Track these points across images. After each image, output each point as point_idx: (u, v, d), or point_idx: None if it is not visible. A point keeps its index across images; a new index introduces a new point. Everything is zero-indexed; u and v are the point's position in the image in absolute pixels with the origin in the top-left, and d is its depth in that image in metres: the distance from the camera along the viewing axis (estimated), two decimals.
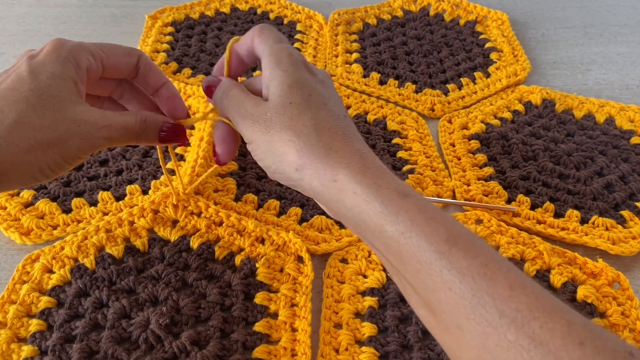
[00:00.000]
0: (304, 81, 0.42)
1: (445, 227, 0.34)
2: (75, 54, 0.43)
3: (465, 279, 0.32)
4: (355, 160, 0.38)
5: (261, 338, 0.48)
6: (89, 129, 0.41)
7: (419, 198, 0.36)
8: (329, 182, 0.38)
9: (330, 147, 0.39)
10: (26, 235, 0.56)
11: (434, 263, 0.33)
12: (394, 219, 0.35)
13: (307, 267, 0.53)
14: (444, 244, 0.33)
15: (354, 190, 0.37)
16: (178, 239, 0.56)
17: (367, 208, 0.36)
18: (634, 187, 0.62)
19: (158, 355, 0.46)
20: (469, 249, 0.33)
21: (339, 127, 0.40)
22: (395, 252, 0.36)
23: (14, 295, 0.51)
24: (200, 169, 0.62)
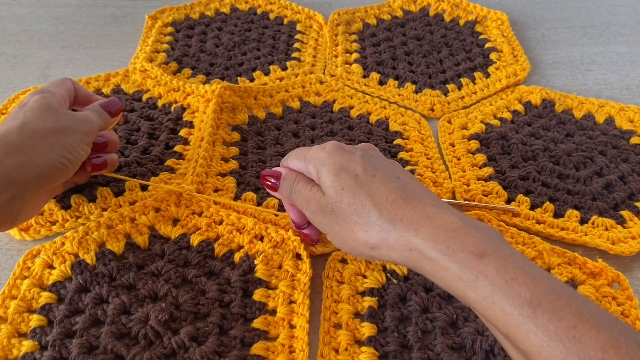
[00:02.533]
0: (346, 165, 0.45)
1: (527, 288, 0.34)
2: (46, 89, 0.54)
3: (553, 342, 0.32)
4: (423, 224, 0.39)
5: (259, 334, 0.48)
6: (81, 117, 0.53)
7: (499, 255, 0.36)
8: (405, 253, 0.40)
9: (394, 217, 0.40)
10: (25, 231, 0.56)
11: (521, 327, 0.33)
12: (474, 285, 0.36)
13: (305, 264, 0.53)
14: (527, 307, 0.33)
15: (430, 257, 0.38)
16: (178, 237, 0.56)
17: (446, 274, 0.37)
18: (633, 187, 0.62)
19: (157, 351, 0.46)
20: (555, 310, 0.33)
21: (395, 194, 0.42)
22: (483, 315, 0.36)
23: (14, 291, 0.51)
24: (201, 168, 0.62)
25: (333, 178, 0.44)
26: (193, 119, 0.70)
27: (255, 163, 0.65)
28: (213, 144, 0.66)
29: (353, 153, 0.46)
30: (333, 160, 0.45)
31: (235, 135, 0.68)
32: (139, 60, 0.80)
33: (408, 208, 0.40)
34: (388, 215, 0.40)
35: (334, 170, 0.45)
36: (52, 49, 0.85)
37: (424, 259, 0.39)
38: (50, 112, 0.51)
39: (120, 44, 0.87)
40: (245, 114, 0.71)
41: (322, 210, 0.45)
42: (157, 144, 0.67)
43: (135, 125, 0.69)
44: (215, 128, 0.67)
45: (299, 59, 0.83)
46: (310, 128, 0.70)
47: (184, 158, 0.65)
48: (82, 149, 0.52)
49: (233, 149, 0.66)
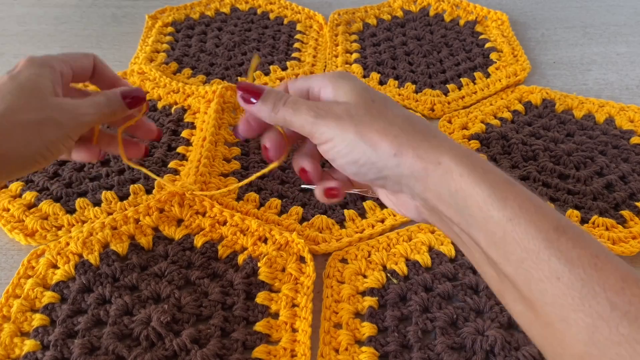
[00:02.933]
0: (373, 88, 0.42)
1: (554, 216, 0.33)
2: (48, 61, 0.48)
3: (575, 269, 0.31)
4: (457, 146, 0.37)
5: (261, 338, 0.48)
6: (71, 109, 0.46)
7: (525, 188, 0.36)
8: (432, 165, 0.37)
9: (429, 131, 0.38)
10: (31, 236, 0.56)
11: (542, 251, 0.32)
12: (502, 205, 0.34)
13: (309, 268, 0.53)
14: (553, 232, 0.32)
15: (461, 173, 0.36)
16: (182, 238, 0.56)
17: (473, 192, 0.35)
18: (634, 187, 0.62)
19: (158, 353, 0.46)
20: (578, 239, 0.32)
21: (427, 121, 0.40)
22: (500, 240, 0.34)
23: (18, 290, 0.51)
24: (204, 168, 0.62)
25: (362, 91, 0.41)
26: (194, 120, 0.70)
27: (257, 163, 0.65)
28: (215, 144, 0.66)
29: None
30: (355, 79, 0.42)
31: None
32: (139, 61, 0.80)
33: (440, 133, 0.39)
34: (423, 128, 0.39)
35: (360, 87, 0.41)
36: (52, 49, 0.85)
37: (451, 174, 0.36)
38: (38, 99, 0.45)
39: (120, 44, 0.87)
40: None
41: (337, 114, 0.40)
42: (159, 146, 0.67)
43: None
44: (217, 128, 0.68)
45: (299, 59, 0.83)
46: None
47: (187, 159, 0.65)
48: (65, 145, 0.47)
49: (235, 149, 0.66)
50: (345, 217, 0.59)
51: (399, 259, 0.55)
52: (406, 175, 0.38)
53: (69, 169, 0.63)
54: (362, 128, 0.39)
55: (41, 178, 0.61)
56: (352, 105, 0.40)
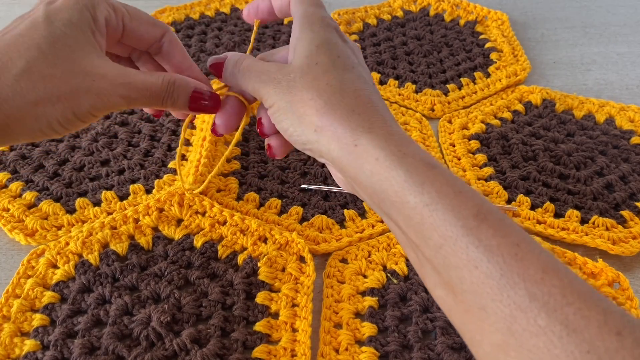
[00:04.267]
0: (333, 43, 0.40)
1: (475, 202, 0.32)
2: (94, 3, 0.40)
3: (494, 257, 0.30)
4: (379, 126, 0.36)
5: (261, 338, 0.48)
6: (105, 85, 0.38)
7: (446, 170, 0.34)
8: (349, 146, 0.36)
9: (353, 109, 0.37)
10: (31, 236, 0.56)
11: (460, 239, 0.31)
12: (419, 190, 0.33)
13: (309, 267, 0.53)
14: (473, 220, 0.31)
15: (377, 156, 0.35)
16: (182, 238, 0.56)
17: (389, 176, 0.34)
18: (634, 187, 0.62)
19: (158, 353, 0.46)
20: (499, 227, 0.31)
21: (364, 91, 0.38)
22: (417, 225, 0.33)
23: (18, 290, 0.51)
24: (204, 168, 0.62)
25: (314, 49, 0.39)
26: (195, 120, 0.70)
27: (257, 164, 0.65)
28: (215, 144, 0.66)
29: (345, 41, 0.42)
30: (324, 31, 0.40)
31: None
32: None
33: (370, 108, 0.37)
34: (348, 104, 0.37)
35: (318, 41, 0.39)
36: None
37: (367, 158, 0.35)
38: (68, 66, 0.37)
39: None
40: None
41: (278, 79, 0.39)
42: (159, 146, 0.67)
43: (136, 128, 0.69)
44: None
45: None
46: None
47: (187, 159, 0.65)
48: (84, 122, 0.39)
49: (235, 149, 0.66)
50: (345, 217, 0.59)
51: (399, 258, 0.55)
52: (325, 152, 0.37)
53: (69, 169, 0.63)
54: (292, 96, 0.38)
55: (41, 178, 0.61)
56: (293, 68, 0.39)
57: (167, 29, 0.44)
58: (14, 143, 0.40)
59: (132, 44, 0.44)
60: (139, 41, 0.44)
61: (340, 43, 0.40)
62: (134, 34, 0.43)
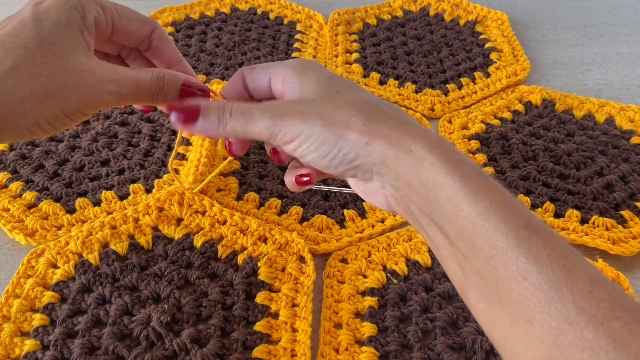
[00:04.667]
0: (336, 77, 0.40)
1: (525, 214, 0.32)
2: (83, 3, 0.39)
3: (543, 269, 0.30)
4: (428, 133, 0.36)
5: (261, 338, 0.48)
6: (93, 82, 0.37)
7: (497, 182, 0.34)
8: (403, 153, 0.35)
9: (400, 118, 0.37)
10: (31, 236, 0.56)
11: (511, 250, 0.31)
12: (473, 198, 0.33)
13: (309, 267, 0.53)
14: (524, 230, 0.31)
15: (432, 162, 0.34)
16: (182, 237, 0.56)
17: (444, 182, 0.34)
18: (634, 187, 0.62)
19: (158, 353, 0.46)
20: (549, 239, 0.31)
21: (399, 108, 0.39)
22: (469, 235, 0.33)
23: (18, 290, 0.51)
24: (204, 167, 0.62)
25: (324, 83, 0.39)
26: None
27: (257, 163, 0.65)
28: (215, 143, 0.66)
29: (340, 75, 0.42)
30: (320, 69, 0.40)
31: None
32: None
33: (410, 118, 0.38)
34: (393, 114, 0.37)
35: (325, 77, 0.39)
36: None
37: (423, 163, 0.35)
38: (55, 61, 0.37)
39: None
40: None
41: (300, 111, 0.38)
42: (159, 146, 0.67)
43: (136, 128, 0.69)
44: None
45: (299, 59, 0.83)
46: None
47: (187, 159, 0.65)
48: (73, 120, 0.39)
49: None
50: (345, 217, 0.59)
51: (399, 258, 0.55)
52: (377, 164, 0.37)
53: (69, 169, 0.63)
54: (329, 120, 0.37)
55: (41, 178, 0.61)
56: (316, 98, 0.38)
57: (156, 25, 0.44)
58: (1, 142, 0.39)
59: (121, 42, 0.44)
60: (129, 38, 0.44)
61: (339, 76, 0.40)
62: (123, 31, 0.43)
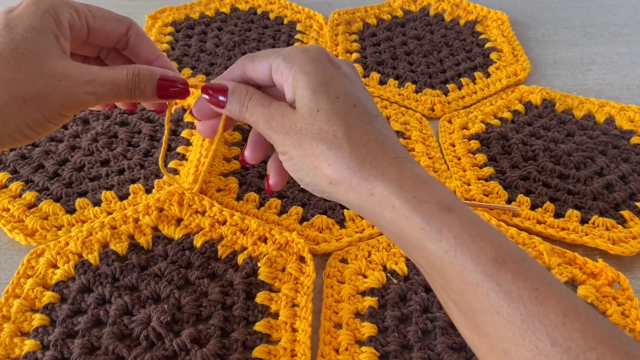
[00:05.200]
0: (328, 81, 0.39)
1: (493, 246, 0.32)
2: (56, 7, 0.39)
3: (514, 303, 0.30)
4: (392, 171, 0.36)
5: (261, 338, 0.48)
6: (71, 84, 0.38)
7: (464, 211, 0.34)
8: (365, 196, 0.36)
9: (364, 158, 0.37)
10: (31, 236, 0.56)
11: (481, 285, 0.31)
12: (437, 237, 0.33)
13: (309, 267, 0.53)
14: (492, 265, 0.31)
15: (393, 204, 0.35)
16: (182, 237, 0.56)
17: (407, 223, 0.34)
18: (634, 187, 0.62)
19: (158, 353, 0.46)
20: (519, 271, 0.31)
21: (371, 133, 0.38)
22: (439, 270, 0.34)
23: (18, 290, 0.51)
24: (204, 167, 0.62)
25: (311, 95, 0.38)
26: (194, 120, 0.70)
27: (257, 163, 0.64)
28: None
29: (338, 68, 0.40)
30: (316, 69, 0.39)
31: (237, 135, 0.68)
32: None
33: (380, 152, 0.37)
34: (359, 154, 0.37)
35: (313, 85, 0.38)
36: None
37: (385, 206, 0.35)
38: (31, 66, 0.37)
39: None
40: None
41: (286, 128, 0.39)
42: (158, 146, 0.67)
43: (136, 128, 0.69)
44: None
45: None
46: None
47: (187, 159, 0.65)
48: (55, 123, 0.39)
49: (235, 149, 0.66)
50: (345, 217, 0.59)
51: (399, 258, 0.55)
52: (343, 202, 0.38)
53: (69, 169, 0.63)
54: (305, 149, 0.38)
55: (41, 178, 0.61)
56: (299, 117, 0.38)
57: (131, 22, 0.44)
58: None
59: (99, 43, 0.44)
60: (106, 39, 0.43)
61: (335, 77, 0.39)
62: (99, 32, 0.42)
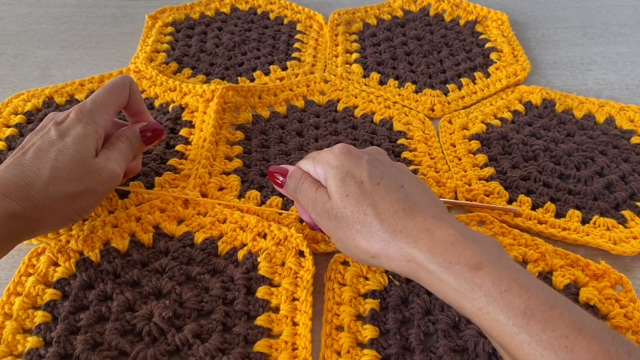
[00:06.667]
0: (352, 170, 0.46)
1: (521, 299, 0.35)
2: (95, 117, 0.51)
3: (546, 352, 0.33)
4: (422, 237, 0.40)
5: (262, 332, 0.49)
6: (107, 174, 0.50)
7: (494, 267, 0.37)
8: (404, 263, 0.41)
9: (394, 228, 0.41)
10: None
11: (514, 337, 0.34)
12: (470, 296, 0.37)
13: (308, 262, 0.53)
14: (521, 318, 0.34)
15: (428, 269, 0.39)
16: (182, 235, 0.56)
17: (442, 286, 0.39)
18: (634, 187, 0.62)
19: (161, 348, 0.46)
20: (548, 320, 0.34)
21: (397, 204, 0.43)
22: (479, 325, 0.38)
23: (19, 288, 0.51)
24: (203, 169, 0.62)
25: (339, 183, 0.45)
26: (193, 119, 0.70)
27: (259, 161, 0.65)
28: (216, 143, 0.66)
29: (360, 157, 0.47)
30: (340, 163, 0.47)
31: (239, 134, 0.68)
32: (138, 61, 0.80)
33: (409, 219, 0.41)
34: (389, 226, 0.42)
35: (340, 175, 0.46)
36: (52, 49, 0.85)
37: (422, 271, 0.40)
38: (81, 168, 0.48)
39: (120, 44, 0.87)
40: (249, 113, 0.71)
41: (327, 213, 0.46)
42: (158, 144, 0.66)
43: None
44: (217, 128, 0.67)
45: (299, 59, 0.83)
46: (314, 127, 0.70)
47: (187, 157, 0.65)
48: (94, 207, 0.53)
49: (237, 148, 0.66)
50: None
51: None
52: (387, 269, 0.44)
53: None
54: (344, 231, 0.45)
55: None
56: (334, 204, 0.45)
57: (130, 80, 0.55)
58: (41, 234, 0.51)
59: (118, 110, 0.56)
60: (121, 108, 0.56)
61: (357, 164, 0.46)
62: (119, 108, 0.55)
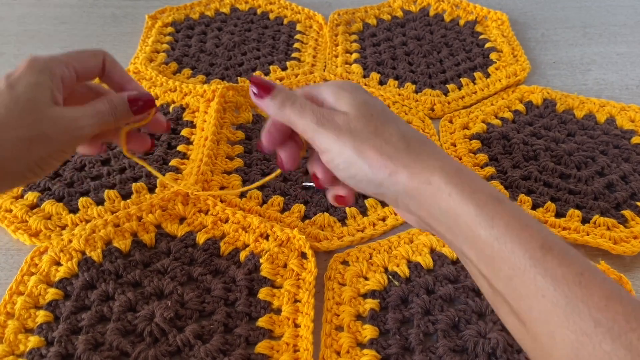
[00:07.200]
0: (373, 99, 0.43)
1: (540, 234, 0.34)
2: (49, 66, 0.47)
3: (559, 286, 0.32)
4: (448, 164, 0.39)
5: (264, 333, 0.49)
6: (66, 123, 0.46)
7: (514, 205, 0.37)
8: (423, 185, 0.38)
9: (420, 152, 0.40)
10: (35, 236, 0.56)
11: (528, 270, 0.33)
12: (489, 224, 0.35)
13: (310, 263, 0.53)
14: (539, 251, 0.33)
15: (449, 192, 0.37)
16: (184, 235, 0.56)
17: (462, 211, 0.37)
18: (635, 187, 0.62)
19: (162, 349, 0.46)
20: (564, 257, 0.33)
21: (421, 136, 0.41)
22: (488, 258, 0.36)
23: (22, 287, 0.51)
24: (206, 167, 0.62)
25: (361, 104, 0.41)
26: (194, 119, 0.70)
27: (260, 161, 0.65)
28: (217, 142, 0.66)
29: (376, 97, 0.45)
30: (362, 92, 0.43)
31: (240, 134, 0.68)
32: (138, 61, 0.80)
33: (435, 150, 0.40)
34: (415, 148, 0.40)
35: (360, 99, 0.42)
36: (52, 49, 0.85)
37: (441, 195, 0.38)
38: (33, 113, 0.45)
39: (120, 44, 0.87)
40: (249, 113, 0.71)
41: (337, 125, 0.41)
42: (159, 144, 0.66)
43: None
44: (218, 127, 0.67)
45: (299, 59, 0.83)
46: None
47: (188, 157, 0.65)
48: (57, 160, 0.48)
49: (238, 147, 0.66)
50: (346, 214, 0.59)
51: (400, 261, 0.55)
52: (401, 193, 0.40)
53: (69, 169, 0.63)
54: (359, 144, 0.40)
55: (42, 179, 0.61)
56: (351, 118, 0.41)
57: (105, 53, 0.51)
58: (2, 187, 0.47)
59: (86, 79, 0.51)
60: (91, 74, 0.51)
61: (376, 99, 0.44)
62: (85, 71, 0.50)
